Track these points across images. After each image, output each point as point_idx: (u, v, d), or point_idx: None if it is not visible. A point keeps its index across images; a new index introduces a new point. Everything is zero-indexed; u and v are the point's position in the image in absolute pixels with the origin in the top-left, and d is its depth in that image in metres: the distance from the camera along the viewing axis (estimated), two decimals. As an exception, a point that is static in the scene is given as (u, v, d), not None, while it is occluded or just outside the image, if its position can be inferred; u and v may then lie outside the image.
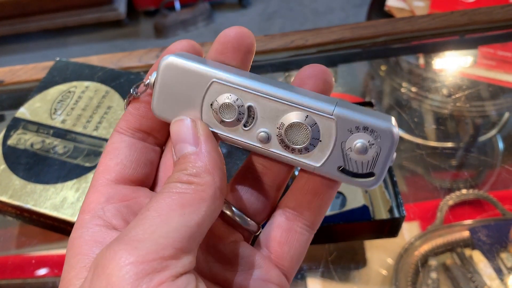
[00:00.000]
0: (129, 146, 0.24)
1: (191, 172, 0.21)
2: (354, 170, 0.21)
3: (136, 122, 0.25)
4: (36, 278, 0.53)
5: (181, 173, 0.21)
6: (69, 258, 0.21)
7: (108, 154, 0.24)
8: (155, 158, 0.26)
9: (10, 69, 0.66)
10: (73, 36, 2.10)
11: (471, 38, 0.72)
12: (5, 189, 0.48)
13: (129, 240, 0.19)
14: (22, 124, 0.53)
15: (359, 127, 0.20)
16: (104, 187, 0.23)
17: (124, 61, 0.65)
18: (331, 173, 0.21)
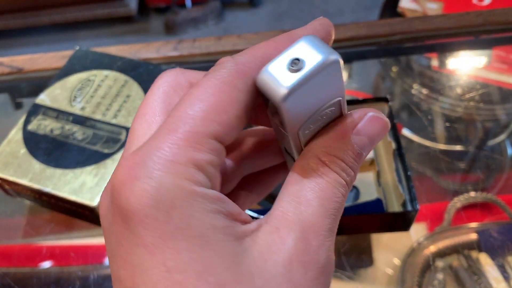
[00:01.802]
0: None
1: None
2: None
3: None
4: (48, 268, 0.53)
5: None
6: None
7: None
8: None
9: (30, 57, 0.67)
10: (83, 31, 2.11)
11: (486, 39, 0.72)
12: (25, 172, 0.49)
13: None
14: (42, 110, 0.54)
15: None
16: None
17: (142, 52, 0.66)
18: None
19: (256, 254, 0.17)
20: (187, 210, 0.16)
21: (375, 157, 0.52)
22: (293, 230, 0.18)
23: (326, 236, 0.18)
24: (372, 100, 0.55)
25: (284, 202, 0.19)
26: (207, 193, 0.17)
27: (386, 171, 0.51)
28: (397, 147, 0.50)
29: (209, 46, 0.67)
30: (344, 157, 0.20)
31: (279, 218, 0.18)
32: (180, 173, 0.17)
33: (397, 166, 0.50)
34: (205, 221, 0.17)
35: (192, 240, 0.16)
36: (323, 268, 0.18)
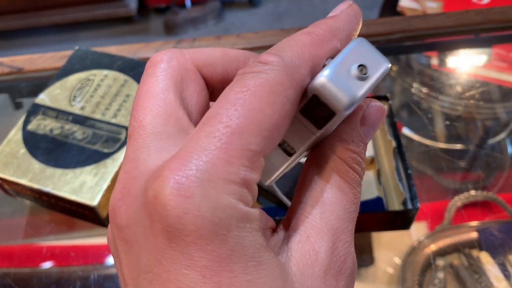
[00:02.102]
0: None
1: None
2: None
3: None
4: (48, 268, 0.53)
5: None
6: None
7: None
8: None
9: (29, 58, 0.67)
10: (83, 32, 2.11)
11: (486, 37, 0.72)
12: (25, 172, 0.49)
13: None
14: (42, 110, 0.54)
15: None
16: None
17: (141, 52, 0.66)
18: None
19: (295, 269, 0.17)
20: (241, 232, 0.16)
21: (375, 155, 0.52)
22: (324, 240, 0.18)
23: (350, 243, 0.19)
24: (372, 98, 0.54)
25: (308, 206, 0.19)
26: (255, 214, 0.16)
27: (387, 169, 0.51)
28: (397, 145, 0.50)
29: (208, 45, 0.67)
30: (358, 149, 0.20)
31: (307, 225, 0.18)
32: (235, 194, 0.16)
33: (398, 165, 0.50)
34: (256, 242, 0.16)
35: (247, 262, 0.16)
36: (351, 276, 0.18)
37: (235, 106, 0.16)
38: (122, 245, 0.17)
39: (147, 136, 0.18)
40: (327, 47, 0.18)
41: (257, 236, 0.16)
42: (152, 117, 0.18)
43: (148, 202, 0.16)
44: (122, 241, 0.17)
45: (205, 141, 0.16)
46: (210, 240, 0.15)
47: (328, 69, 0.17)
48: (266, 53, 0.17)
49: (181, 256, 0.15)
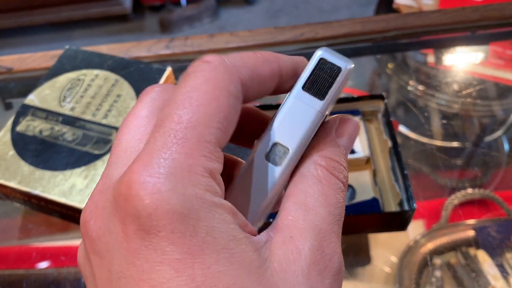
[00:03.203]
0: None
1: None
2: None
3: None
4: (40, 269, 0.53)
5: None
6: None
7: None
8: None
9: (19, 57, 0.66)
10: (78, 30, 2.10)
11: (482, 35, 0.71)
12: (14, 175, 0.48)
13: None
14: (31, 111, 0.53)
15: None
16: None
17: (133, 51, 0.65)
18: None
19: (276, 265, 0.17)
20: (212, 222, 0.16)
21: (371, 155, 0.51)
22: (308, 239, 0.18)
23: (336, 243, 0.19)
24: (367, 97, 0.54)
25: (292, 211, 0.19)
26: (224, 204, 0.17)
27: (382, 170, 0.50)
28: (393, 145, 0.50)
29: (201, 44, 0.66)
30: (338, 158, 0.21)
31: (291, 227, 0.18)
32: (200, 185, 0.16)
33: (393, 165, 0.49)
34: (228, 233, 0.16)
35: (219, 253, 0.16)
36: (337, 275, 0.18)
37: (184, 104, 0.17)
38: (94, 258, 0.17)
39: (120, 152, 0.19)
40: (268, 65, 0.20)
41: (229, 228, 0.16)
42: (130, 135, 0.19)
43: (118, 208, 0.16)
44: (95, 255, 0.17)
45: (162, 140, 0.17)
46: (181, 233, 0.15)
47: (321, 48, 0.21)
48: (209, 54, 0.19)
49: (154, 253, 0.15)
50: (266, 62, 0.20)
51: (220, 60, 0.19)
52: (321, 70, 0.21)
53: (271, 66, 0.20)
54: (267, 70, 0.20)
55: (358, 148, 0.52)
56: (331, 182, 0.20)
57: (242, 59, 0.20)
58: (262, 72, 0.20)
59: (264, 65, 0.20)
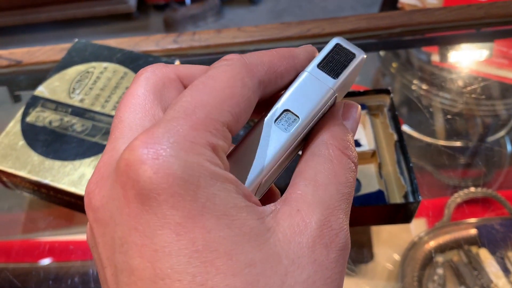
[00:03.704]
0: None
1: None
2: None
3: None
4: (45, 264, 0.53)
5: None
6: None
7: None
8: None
9: (28, 50, 0.67)
10: (82, 28, 2.11)
11: (487, 32, 0.72)
12: (24, 164, 0.48)
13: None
14: (40, 102, 0.54)
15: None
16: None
17: (142, 45, 0.65)
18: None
19: (280, 236, 0.17)
20: (212, 190, 0.16)
21: (376, 148, 0.52)
22: (315, 213, 0.18)
23: (344, 220, 0.19)
24: (373, 92, 0.54)
25: (301, 185, 0.19)
26: (226, 175, 0.17)
27: (388, 163, 0.51)
28: (399, 138, 0.50)
29: (208, 39, 0.67)
30: (348, 138, 0.22)
31: (299, 200, 0.19)
32: (203, 155, 0.17)
33: (399, 158, 0.49)
34: (229, 200, 0.16)
35: (219, 219, 0.16)
36: (342, 250, 0.18)
37: (198, 87, 0.19)
38: (97, 228, 0.18)
39: (124, 129, 0.20)
40: (285, 61, 0.22)
41: (230, 196, 0.17)
42: (130, 113, 0.20)
43: (120, 174, 0.16)
44: (98, 224, 0.18)
45: (171, 113, 0.17)
46: (181, 197, 0.16)
47: (337, 37, 0.23)
48: (229, 54, 0.21)
49: (155, 217, 0.16)
50: (282, 59, 0.21)
51: (238, 57, 0.20)
52: (336, 54, 0.22)
53: (287, 62, 0.22)
54: (283, 66, 0.21)
55: (364, 141, 0.52)
56: (342, 161, 0.20)
57: (259, 57, 0.21)
58: (278, 68, 0.21)
59: (280, 62, 0.21)
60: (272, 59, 0.21)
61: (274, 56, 0.21)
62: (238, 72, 0.19)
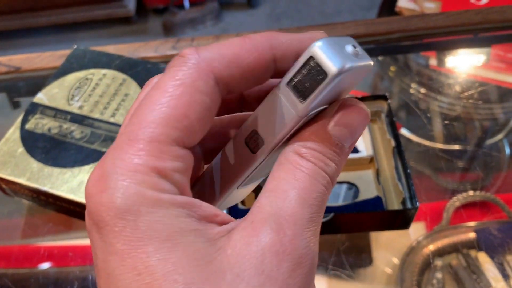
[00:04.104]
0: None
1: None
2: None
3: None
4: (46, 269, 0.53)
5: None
6: None
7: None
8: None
9: (27, 57, 0.67)
10: (82, 32, 2.11)
11: (484, 37, 0.72)
12: (23, 171, 0.48)
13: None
14: (40, 109, 0.54)
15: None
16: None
17: (140, 51, 0.66)
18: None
19: (229, 251, 0.17)
20: (153, 217, 0.17)
21: (374, 154, 0.52)
22: (268, 222, 0.17)
23: (304, 226, 0.18)
24: (370, 98, 0.54)
25: (262, 197, 0.19)
26: (173, 199, 0.17)
27: (386, 168, 0.51)
28: (397, 144, 0.50)
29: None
30: (322, 149, 0.19)
31: (255, 212, 0.18)
32: (144, 183, 0.17)
33: (397, 164, 0.50)
34: (172, 225, 0.17)
35: (160, 244, 0.16)
36: (299, 259, 0.17)
37: (144, 104, 0.18)
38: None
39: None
40: (255, 52, 0.19)
41: (176, 221, 0.17)
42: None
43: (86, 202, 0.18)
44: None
45: (118, 140, 0.18)
46: (123, 226, 0.17)
47: (322, 40, 0.18)
48: (186, 48, 0.19)
49: (105, 245, 0.17)
50: (252, 49, 0.19)
51: (191, 54, 0.19)
52: (308, 70, 0.18)
53: (258, 53, 0.19)
54: (252, 58, 0.19)
55: (362, 147, 0.52)
56: (308, 167, 0.19)
57: (219, 49, 0.19)
58: (244, 61, 0.19)
59: (249, 53, 0.19)
60: (238, 51, 0.19)
61: (242, 47, 0.19)
62: (188, 75, 0.18)
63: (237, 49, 0.19)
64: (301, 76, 0.18)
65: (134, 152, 0.17)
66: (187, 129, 0.18)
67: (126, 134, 0.18)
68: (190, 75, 0.18)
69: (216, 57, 0.18)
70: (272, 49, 0.19)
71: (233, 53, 0.19)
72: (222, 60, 0.18)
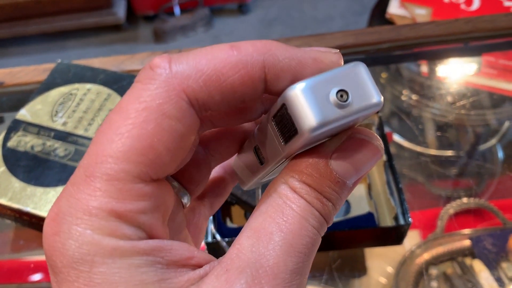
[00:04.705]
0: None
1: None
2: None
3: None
4: (32, 283, 0.52)
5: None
6: None
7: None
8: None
9: (10, 71, 0.66)
10: (71, 40, 2.10)
11: (475, 46, 0.72)
12: (5, 191, 0.47)
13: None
14: (22, 126, 0.53)
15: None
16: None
17: (126, 64, 0.64)
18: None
19: None
20: (110, 268, 0.15)
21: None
22: (244, 273, 0.15)
23: (286, 280, 0.15)
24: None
25: (243, 237, 0.16)
26: (135, 246, 0.15)
27: (377, 183, 0.50)
28: (388, 159, 0.50)
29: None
30: (319, 186, 0.16)
31: (232, 257, 0.16)
32: (101, 229, 0.15)
33: (388, 179, 0.49)
34: (132, 278, 0.15)
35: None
36: None
37: (103, 132, 0.16)
38: None
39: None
40: (243, 69, 0.16)
41: (137, 272, 0.15)
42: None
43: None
44: None
45: (74, 177, 0.16)
46: (75, 277, 0.15)
47: (305, 82, 0.15)
48: (158, 57, 0.16)
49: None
50: (238, 65, 0.15)
51: (164, 66, 0.16)
52: (283, 117, 0.16)
53: (245, 71, 0.16)
54: (237, 77, 0.15)
55: (353, 161, 0.52)
56: (300, 205, 0.16)
57: (198, 62, 0.15)
58: (226, 79, 0.15)
59: (234, 70, 0.15)
60: (219, 65, 0.15)
61: (226, 62, 0.15)
62: (154, 96, 0.15)
63: (220, 63, 0.15)
64: (281, 117, 0.16)
65: (90, 192, 0.15)
66: (153, 163, 0.15)
67: (83, 167, 0.16)
68: (157, 96, 0.15)
69: (191, 74, 0.15)
70: (264, 67, 0.16)
71: (214, 69, 0.15)
72: (199, 78, 0.15)
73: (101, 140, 0.15)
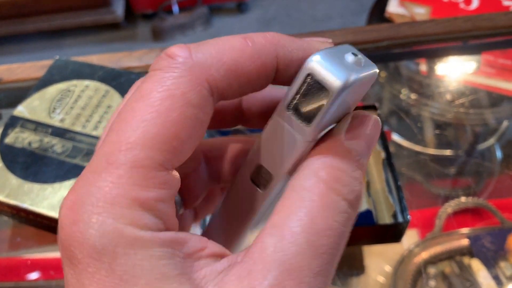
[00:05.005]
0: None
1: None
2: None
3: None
4: (29, 282, 0.52)
5: None
6: None
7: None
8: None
9: (8, 68, 0.65)
10: (69, 38, 2.09)
11: (474, 44, 0.72)
12: (2, 188, 0.47)
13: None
14: (20, 122, 0.52)
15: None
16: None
17: (124, 61, 0.64)
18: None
19: None
20: (131, 260, 0.14)
21: (364, 166, 0.51)
22: (267, 278, 0.14)
23: (310, 284, 0.15)
24: (359, 107, 0.54)
25: (266, 234, 0.15)
26: (156, 237, 0.15)
27: (376, 181, 0.50)
28: (387, 156, 0.50)
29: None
30: (345, 166, 0.16)
31: (255, 257, 0.15)
32: (123, 218, 0.14)
33: (387, 176, 0.49)
34: (153, 270, 0.14)
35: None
36: None
37: (125, 119, 0.15)
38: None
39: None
40: (258, 59, 0.16)
41: (158, 265, 0.15)
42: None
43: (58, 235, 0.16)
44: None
45: (93, 163, 0.15)
46: (96, 269, 0.14)
47: (318, 54, 0.16)
48: (176, 46, 0.16)
49: (77, 283, 0.15)
50: (255, 56, 0.16)
51: (184, 55, 0.16)
52: (308, 90, 0.16)
53: (261, 61, 0.16)
54: (254, 67, 0.16)
55: (351, 159, 0.52)
56: (327, 200, 0.15)
57: (217, 53, 0.16)
58: (244, 69, 0.16)
59: (250, 60, 0.16)
60: (238, 57, 0.16)
61: (244, 53, 0.16)
62: (178, 84, 0.15)
63: (238, 54, 0.16)
64: (302, 97, 0.16)
65: (114, 179, 0.15)
66: (176, 150, 0.15)
67: (104, 155, 0.15)
68: (181, 85, 0.15)
69: (213, 63, 0.16)
70: (276, 57, 0.17)
71: (233, 59, 0.16)
72: (220, 67, 0.16)
73: (124, 128, 0.15)
